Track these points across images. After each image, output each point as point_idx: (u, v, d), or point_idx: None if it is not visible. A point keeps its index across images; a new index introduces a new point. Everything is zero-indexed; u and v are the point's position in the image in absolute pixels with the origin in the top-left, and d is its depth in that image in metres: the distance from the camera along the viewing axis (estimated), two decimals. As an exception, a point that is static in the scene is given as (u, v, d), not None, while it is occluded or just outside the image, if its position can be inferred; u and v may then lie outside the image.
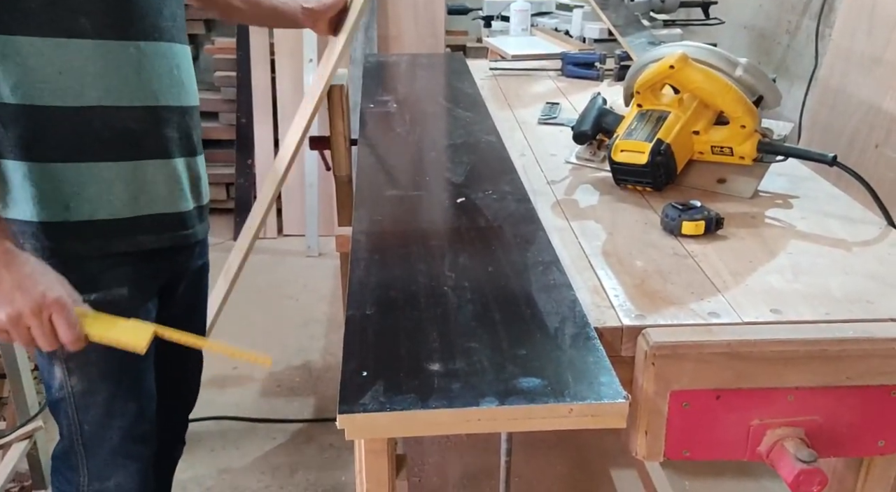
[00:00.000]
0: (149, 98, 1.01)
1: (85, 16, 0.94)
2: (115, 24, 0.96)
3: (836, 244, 0.96)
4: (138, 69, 0.99)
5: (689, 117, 1.07)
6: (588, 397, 0.65)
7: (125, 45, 0.98)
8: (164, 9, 1.03)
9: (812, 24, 2.32)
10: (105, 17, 0.95)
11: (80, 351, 1.01)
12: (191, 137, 1.10)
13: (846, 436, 0.77)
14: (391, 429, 0.65)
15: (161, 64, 1.02)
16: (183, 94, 1.07)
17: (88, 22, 0.94)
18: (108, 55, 0.96)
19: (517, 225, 0.98)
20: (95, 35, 0.95)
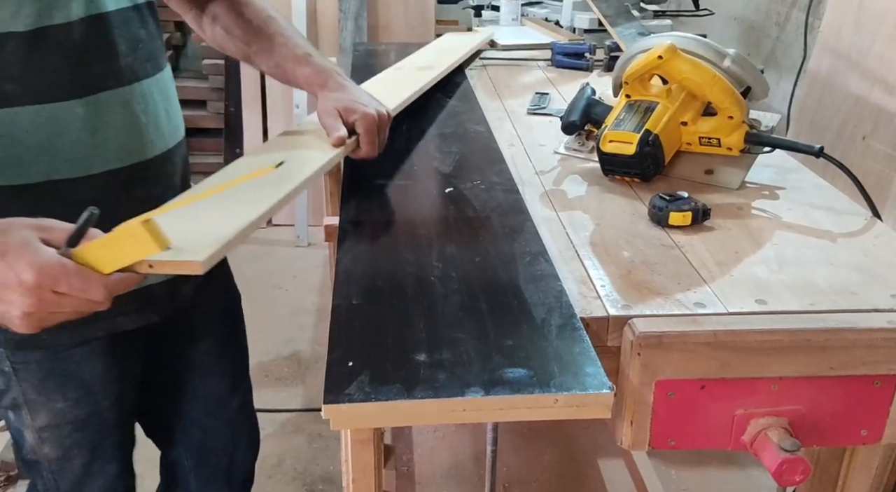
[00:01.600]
0: (110, 160, 0.85)
1: (9, 81, 0.77)
2: (52, 82, 0.80)
3: (821, 235, 0.96)
4: (92, 130, 0.83)
5: (678, 108, 1.08)
6: (573, 387, 0.65)
7: (70, 107, 0.81)
8: (119, 42, 0.84)
9: (801, 16, 2.32)
10: (38, 77, 0.79)
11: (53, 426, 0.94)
12: (174, 183, 0.95)
13: (829, 425, 0.78)
14: (377, 419, 0.65)
15: (121, 115, 0.85)
16: (157, 139, 0.90)
17: (16, 85, 0.78)
18: (50, 121, 0.80)
19: (505, 215, 0.98)
20: (29, 100, 0.79)
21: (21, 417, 0.95)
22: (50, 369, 0.92)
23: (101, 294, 0.67)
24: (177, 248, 0.69)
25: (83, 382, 0.94)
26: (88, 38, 0.81)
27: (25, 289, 0.65)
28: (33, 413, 0.94)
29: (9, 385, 0.93)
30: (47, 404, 0.94)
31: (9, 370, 0.92)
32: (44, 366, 0.92)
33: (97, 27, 0.82)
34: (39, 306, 0.66)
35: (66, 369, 0.93)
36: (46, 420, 0.95)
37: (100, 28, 0.82)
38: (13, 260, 0.65)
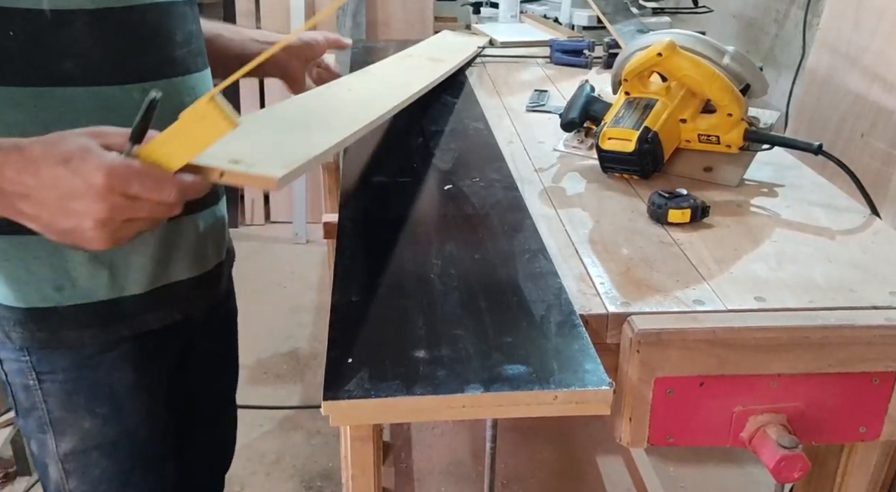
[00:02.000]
0: None
1: (73, 58, 0.76)
2: (112, 64, 0.79)
3: (820, 233, 0.96)
4: None
5: (677, 105, 1.08)
6: (573, 384, 0.65)
7: (127, 90, 0.80)
8: (176, 32, 0.85)
9: (800, 14, 2.32)
10: (99, 58, 0.78)
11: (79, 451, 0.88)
12: None
13: (828, 422, 0.78)
14: (376, 415, 0.65)
15: (172, 105, 0.81)
16: None
17: (77, 65, 0.76)
18: (106, 104, 0.79)
19: (504, 213, 0.98)
20: (88, 81, 0.77)
21: (45, 444, 0.89)
22: (77, 378, 0.87)
23: (174, 194, 0.64)
24: (248, 163, 0.65)
25: (112, 393, 0.89)
26: (148, 24, 0.81)
27: (96, 193, 0.61)
28: (58, 436, 0.89)
29: (33, 403, 0.87)
30: (74, 424, 0.88)
31: (33, 384, 0.86)
32: (71, 375, 0.86)
33: (156, 15, 0.82)
34: (112, 212, 0.62)
35: (95, 380, 0.88)
36: (72, 444, 0.89)
37: (159, 16, 0.82)
38: (77, 165, 0.61)
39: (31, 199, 0.63)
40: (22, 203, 0.63)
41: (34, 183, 0.62)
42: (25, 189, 0.62)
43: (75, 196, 0.61)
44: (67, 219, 0.62)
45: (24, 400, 0.88)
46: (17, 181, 0.62)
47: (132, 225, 0.64)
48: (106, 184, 0.61)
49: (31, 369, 0.86)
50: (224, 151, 0.67)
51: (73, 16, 0.75)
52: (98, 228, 0.62)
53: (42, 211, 0.63)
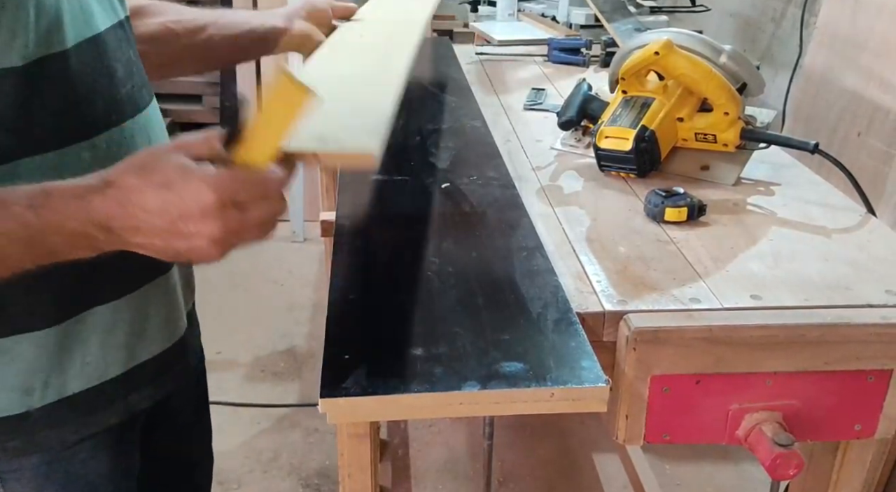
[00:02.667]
0: None
1: (6, 129, 0.64)
2: (53, 126, 0.67)
3: (816, 231, 0.97)
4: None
5: (674, 104, 1.08)
6: (569, 381, 0.65)
7: (75, 152, 0.69)
8: (117, 66, 0.72)
9: (797, 13, 2.32)
10: (37, 122, 0.66)
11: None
12: None
13: (823, 420, 0.78)
14: (373, 413, 0.65)
15: (129, 153, 0.69)
16: None
17: (14, 137, 0.65)
18: (53, 173, 0.65)
19: (502, 211, 0.98)
20: (30, 150, 0.66)
21: None
22: (48, 474, 0.77)
23: (276, 188, 0.61)
24: (335, 138, 0.63)
25: (88, 483, 0.80)
26: (87, 65, 0.69)
27: (207, 212, 0.58)
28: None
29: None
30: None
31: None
32: (41, 471, 0.76)
33: (95, 51, 0.70)
34: (226, 227, 0.59)
35: (69, 471, 0.78)
36: None
37: (97, 52, 0.71)
38: (181, 188, 0.58)
39: (142, 230, 0.59)
40: (134, 236, 0.60)
41: (143, 215, 0.58)
42: (135, 222, 0.59)
43: (187, 218, 0.58)
44: (182, 241, 0.59)
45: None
46: (126, 216, 0.59)
47: (245, 232, 0.61)
48: (216, 200, 0.58)
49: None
50: (303, 133, 0.63)
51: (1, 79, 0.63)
52: (214, 245, 0.59)
53: (154, 239, 0.60)
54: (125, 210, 0.59)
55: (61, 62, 0.67)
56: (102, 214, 0.59)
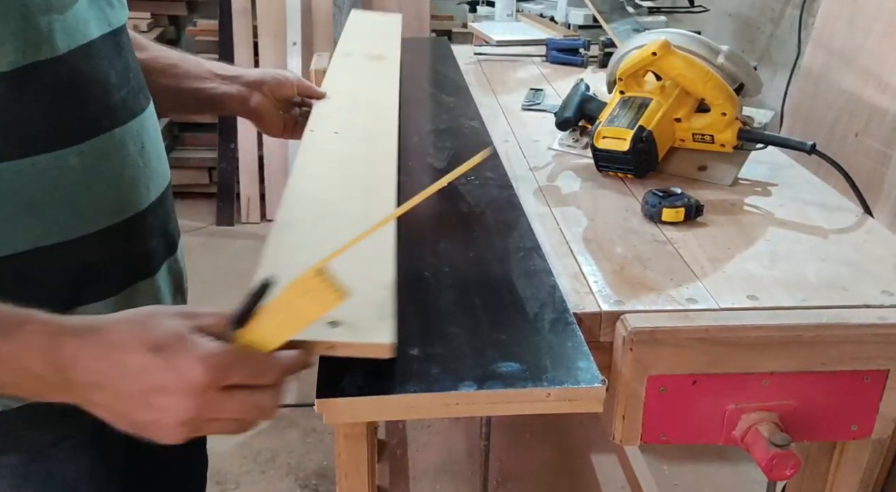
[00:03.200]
0: (107, 216, 0.72)
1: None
2: (42, 130, 0.66)
3: (813, 231, 0.97)
4: (88, 183, 0.70)
5: (671, 105, 1.08)
6: (566, 381, 0.65)
7: (63, 157, 0.67)
8: (110, 73, 0.72)
9: (795, 13, 2.33)
10: (26, 125, 0.65)
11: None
12: (168, 230, 0.83)
13: (820, 420, 0.78)
14: (370, 413, 0.65)
15: (117, 162, 0.72)
16: (152, 184, 0.78)
17: (1, 139, 0.64)
18: (41, 177, 0.66)
19: (499, 211, 0.98)
20: (15, 154, 0.64)
21: None
22: (27, 474, 0.75)
23: (275, 377, 0.56)
24: (348, 322, 0.61)
25: (67, 483, 0.78)
26: (79, 72, 0.69)
27: (189, 390, 0.53)
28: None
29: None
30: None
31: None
32: (19, 471, 0.75)
33: (87, 58, 0.70)
34: (201, 411, 0.54)
35: (49, 472, 0.77)
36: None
37: (90, 59, 0.70)
38: (170, 356, 0.53)
39: (107, 389, 0.54)
40: (92, 394, 0.55)
41: (114, 373, 0.54)
42: (102, 379, 0.54)
43: (164, 391, 0.53)
44: (146, 413, 0.54)
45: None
46: (93, 370, 0.54)
47: (218, 424, 0.56)
48: (204, 380, 0.53)
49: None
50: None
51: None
52: (179, 427, 0.55)
53: (116, 402, 0.55)
54: (95, 363, 0.54)
55: (51, 68, 0.66)
56: (68, 360, 0.54)
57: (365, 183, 0.87)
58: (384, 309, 0.66)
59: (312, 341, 0.60)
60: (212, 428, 0.56)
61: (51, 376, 0.55)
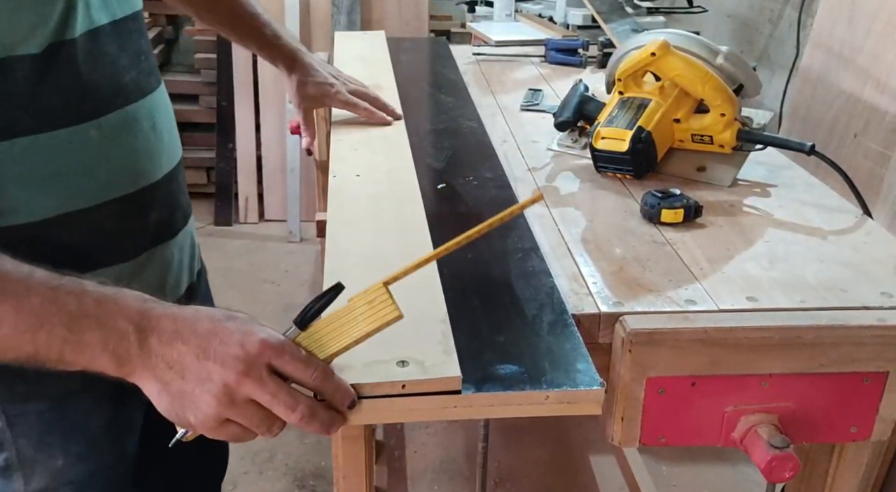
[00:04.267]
0: (124, 185, 0.79)
1: (21, 108, 0.70)
2: (64, 106, 0.72)
3: (812, 232, 0.96)
4: (106, 154, 0.76)
5: (670, 105, 1.08)
6: (564, 383, 0.65)
7: (83, 130, 0.74)
8: (121, 57, 0.78)
9: (794, 14, 2.33)
10: (49, 102, 0.71)
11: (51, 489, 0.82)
12: (180, 202, 0.90)
13: (819, 422, 0.78)
14: (367, 416, 0.65)
15: (133, 135, 0.79)
16: (165, 158, 0.85)
17: (27, 114, 0.70)
18: (64, 149, 0.73)
19: (497, 211, 0.97)
20: (40, 128, 0.71)
21: (11, 483, 0.83)
22: (51, 420, 0.81)
23: (318, 378, 0.60)
24: (417, 359, 0.64)
25: (89, 433, 0.84)
26: (93, 53, 0.75)
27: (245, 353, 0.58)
28: (27, 476, 0.82)
29: (2, 444, 0.81)
30: (46, 463, 0.83)
31: (3, 426, 0.80)
32: (45, 417, 0.81)
33: (100, 41, 0.76)
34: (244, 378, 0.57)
35: (71, 420, 0.82)
36: (43, 483, 0.83)
37: (102, 42, 0.76)
38: (241, 324, 0.60)
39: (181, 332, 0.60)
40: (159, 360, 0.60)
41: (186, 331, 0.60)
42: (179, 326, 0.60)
43: (221, 353, 0.58)
44: (195, 377, 0.59)
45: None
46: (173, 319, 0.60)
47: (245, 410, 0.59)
48: (259, 350, 0.58)
49: (2, 413, 0.81)
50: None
51: (18, 62, 0.69)
52: (220, 393, 0.58)
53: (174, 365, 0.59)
54: (174, 324, 0.60)
55: (69, 49, 0.72)
56: (152, 321, 0.60)
57: (398, 223, 0.91)
58: (446, 343, 0.68)
59: (385, 382, 0.62)
60: (240, 412, 0.59)
61: (132, 334, 0.60)
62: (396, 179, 1.03)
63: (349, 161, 1.09)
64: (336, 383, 0.61)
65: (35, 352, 0.60)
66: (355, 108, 1.19)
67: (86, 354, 0.60)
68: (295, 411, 0.59)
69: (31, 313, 0.59)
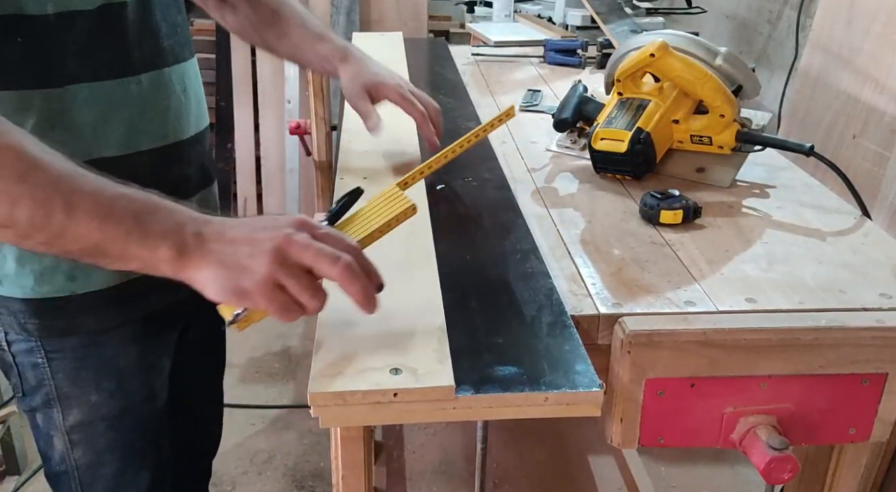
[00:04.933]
0: (155, 138, 0.88)
1: (75, 57, 0.79)
2: (110, 59, 0.82)
3: (810, 233, 0.96)
4: (142, 108, 0.86)
5: (669, 106, 1.08)
6: (563, 385, 0.65)
7: (125, 83, 0.83)
8: (162, 25, 0.88)
9: (793, 15, 2.33)
10: (98, 55, 0.81)
11: (86, 423, 0.91)
12: (204, 164, 0.98)
13: (818, 424, 0.78)
14: (365, 417, 0.64)
15: (167, 94, 0.88)
16: (193, 119, 0.94)
17: (79, 64, 0.79)
18: (106, 98, 0.82)
19: (496, 212, 0.98)
20: (89, 77, 0.80)
21: (51, 417, 0.92)
22: (85, 356, 0.89)
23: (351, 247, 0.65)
24: (409, 366, 0.65)
25: (118, 371, 0.92)
26: (139, 18, 0.84)
27: (289, 221, 0.64)
28: (65, 410, 0.91)
29: (41, 380, 0.90)
30: (81, 398, 0.91)
31: (42, 361, 0.89)
32: (79, 354, 0.89)
33: (145, 8, 0.85)
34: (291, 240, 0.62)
35: (102, 357, 0.90)
36: (79, 417, 0.92)
37: (148, 9, 0.86)
38: (277, 217, 0.66)
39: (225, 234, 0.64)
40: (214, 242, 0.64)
41: (236, 223, 0.65)
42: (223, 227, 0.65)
43: (270, 224, 0.64)
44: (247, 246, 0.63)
45: (31, 378, 0.90)
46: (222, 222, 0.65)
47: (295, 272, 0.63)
48: (301, 222, 0.65)
49: (41, 349, 0.88)
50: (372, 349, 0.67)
51: (75, 17, 0.78)
52: (271, 253, 0.62)
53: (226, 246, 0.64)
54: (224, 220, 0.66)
55: (120, 10, 0.82)
56: (207, 215, 0.66)
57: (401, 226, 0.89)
58: (441, 351, 0.67)
59: (377, 390, 0.63)
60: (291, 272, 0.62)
61: (189, 224, 0.64)
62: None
63: (357, 163, 1.09)
64: (369, 261, 0.66)
65: (102, 241, 0.63)
66: (411, 106, 1.07)
67: (148, 243, 0.63)
68: (336, 265, 0.62)
69: (105, 203, 0.63)
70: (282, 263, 0.62)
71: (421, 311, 0.73)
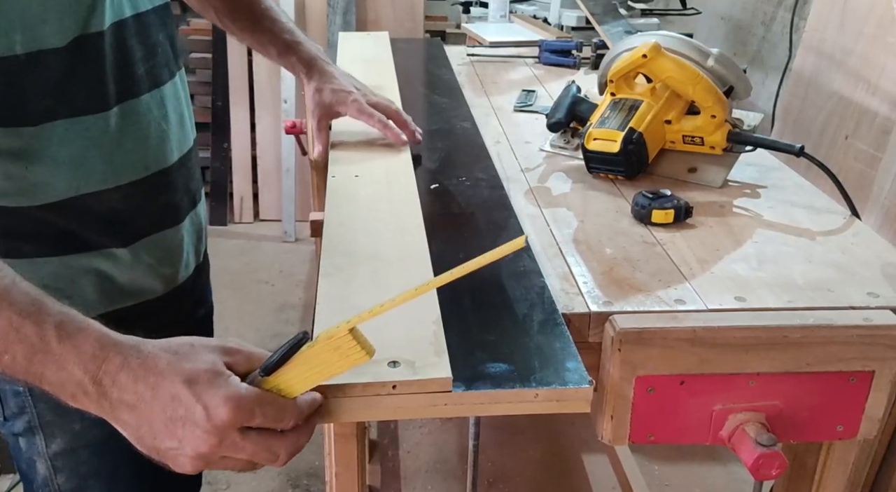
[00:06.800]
0: (136, 170, 0.84)
1: (50, 95, 0.74)
2: (86, 94, 0.77)
3: (800, 233, 0.97)
4: (119, 141, 0.81)
5: (662, 107, 1.08)
6: (554, 382, 0.66)
7: (102, 117, 0.79)
8: (137, 50, 0.83)
9: (787, 16, 2.34)
10: (74, 90, 0.76)
11: (69, 450, 0.87)
12: (190, 188, 0.93)
13: (806, 421, 0.79)
14: (358, 413, 0.65)
15: (145, 124, 0.84)
16: (175, 144, 0.89)
17: (55, 100, 0.75)
18: (85, 134, 0.78)
19: (490, 212, 0.99)
20: (66, 114, 0.76)
21: (34, 443, 0.88)
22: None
23: (293, 421, 0.60)
24: (407, 359, 0.64)
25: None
26: (114, 45, 0.79)
27: (213, 427, 0.57)
28: (48, 438, 0.87)
29: (22, 408, 0.86)
30: (64, 426, 0.87)
31: (23, 389, 0.85)
32: None
33: (121, 34, 0.80)
34: (218, 448, 0.58)
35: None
36: (62, 445, 0.88)
37: (123, 34, 0.81)
38: (202, 391, 0.57)
39: (137, 410, 0.58)
40: (124, 412, 0.59)
41: (147, 396, 0.58)
42: (135, 400, 0.58)
43: (189, 423, 0.57)
44: (168, 440, 0.58)
45: (13, 405, 0.87)
46: (130, 390, 0.58)
47: (230, 462, 0.60)
48: (227, 420, 0.57)
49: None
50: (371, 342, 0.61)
51: (46, 54, 0.73)
52: (195, 459, 0.58)
53: (143, 425, 0.59)
54: (133, 384, 0.58)
55: (96, 42, 0.77)
56: (109, 375, 0.58)
57: (395, 224, 0.91)
58: (438, 344, 0.68)
59: (374, 383, 0.63)
60: (223, 464, 0.60)
61: (89, 385, 0.58)
62: (394, 179, 1.03)
63: (348, 162, 1.10)
64: (312, 420, 0.62)
65: (2, 371, 0.59)
66: (370, 118, 1.12)
67: (46, 389, 0.60)
68: (277, 460, 0.60)
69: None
70: (208, 464, 0.59)
71: (416, 307, 0.73)
